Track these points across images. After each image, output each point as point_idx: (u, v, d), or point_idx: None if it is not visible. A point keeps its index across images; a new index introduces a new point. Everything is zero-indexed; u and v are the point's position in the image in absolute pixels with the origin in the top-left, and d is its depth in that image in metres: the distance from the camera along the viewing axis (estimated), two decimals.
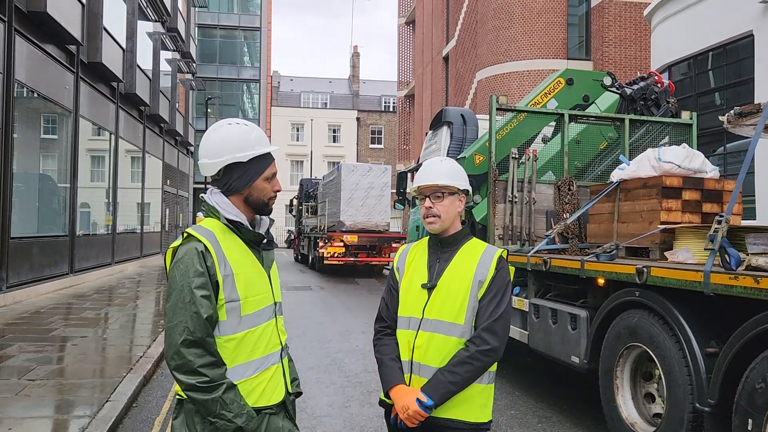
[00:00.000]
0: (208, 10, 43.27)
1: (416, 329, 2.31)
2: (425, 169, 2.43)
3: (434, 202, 2.34)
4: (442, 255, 2.38)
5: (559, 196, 6.41)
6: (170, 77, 24.22)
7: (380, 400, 2.43)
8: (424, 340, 2.28)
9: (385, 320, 2.47)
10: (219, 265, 1.92)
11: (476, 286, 2.28)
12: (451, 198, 2.36)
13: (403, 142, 39.93)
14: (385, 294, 2.52)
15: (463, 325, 2.27)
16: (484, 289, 2.28)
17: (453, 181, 2.36)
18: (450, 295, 2.29)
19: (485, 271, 2.29)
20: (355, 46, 57.62)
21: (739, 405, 3.17)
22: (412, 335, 2.31)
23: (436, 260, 2.38)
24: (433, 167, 2.40)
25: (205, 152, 2.02)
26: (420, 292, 2.34)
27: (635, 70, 17.77)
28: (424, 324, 2.30)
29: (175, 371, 1.86)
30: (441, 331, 2.27)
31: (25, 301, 10.82)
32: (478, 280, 2.29)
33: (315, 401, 5.76)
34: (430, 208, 2.35)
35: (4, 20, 10.23)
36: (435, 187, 2.35)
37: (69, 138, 13.86)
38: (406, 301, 2.39)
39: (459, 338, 2.26)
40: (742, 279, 3.23)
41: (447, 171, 2.38)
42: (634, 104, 7.35)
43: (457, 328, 2.26)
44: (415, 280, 2.38)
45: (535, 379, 6.66)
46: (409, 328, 2.34)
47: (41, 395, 5.33)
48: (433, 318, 2.29)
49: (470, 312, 2.27)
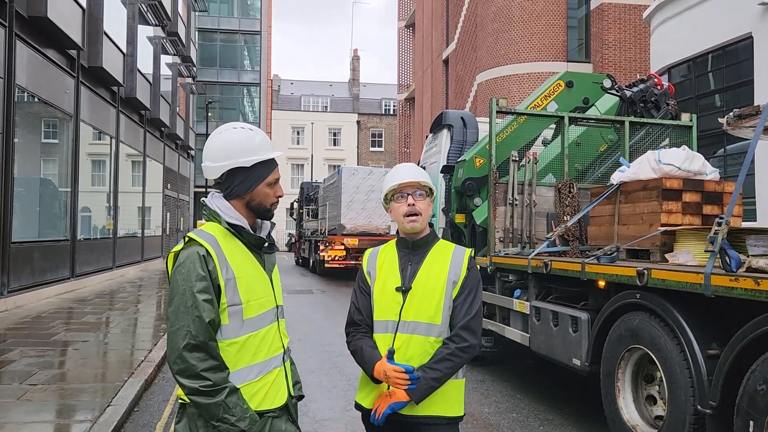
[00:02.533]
0: (209, 14, 43.31)
1: (394, 332, 2.34)
2: (402, 169, 2.47)
3: (417, 200, 2.38)
4: (413, 258, 2.42)
5: (559, 198, 6.41)
6: (171, 81, 24.25)
7: (355, 404, 2.45)
8: (403, 341, 2.32)
9: (358, 323, 2.47)
10: (221, 269, 1.92)
11: (450, 286, 2.35)
12: (427, 199, 2.43)
13: (404, 145, 39.94)
14: (354, 298, 2.52)
15: (440, 324, 2.33)
16: (458, 288, 2.35)
17: (428, 181, 2.45)
18: (426, 296, 2.34)
19: (458, 271, 2.36)
20: (355, 49, 57.62)
21: (741, 407, 3.17)
22: (390, 338, 2.35)
23: (407, 263, 2.42)
24: (408, 169, 2.47)
25: (209, 155, 2.03)
26: (394, 295, 2.37)
27: (635, 72, 17.78)
28: (402, 326, 2.34)
29: (178, 375, 1.86)
30: (419, 332, 2.32)
31: (26, 306, 10.82)
32: (452, 280, 2.35)
33: (317, 405, 5.75)
34: (413, 205, 2.37)
35: (4, 25, 10.25)
36: (417, 185, 2.40)
37: (70, 142, 13.87)
38: (381, 304, 2.41)
39: (437, 338, 2.33)
40: (742, 281, 3.23)
41: (422, 173, 2.46)
42: (633, 106, 7.36)
43: (434, 328, 2.32)
44: (389, 284, 2.40)
45: (537, 381, 6.66)
46: (387, 331, 2.37)
47: (43, 400, 5.33)
48: (411, 320, 2.33)
49: (446, 311, 2.34)
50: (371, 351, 2.36)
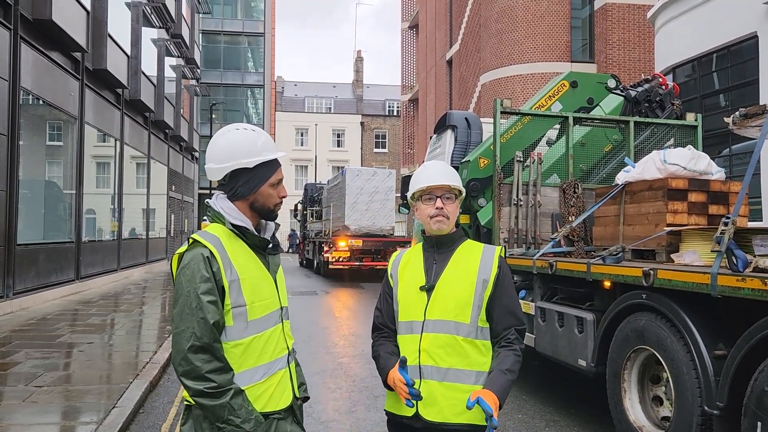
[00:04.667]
0: (212, 16, 43.47)
1: (419, 332, 2.27)
2: (433, 170, 2.39)
3: (446, 203, 2.32)
4: (439, 256, 2.35)
5: (564, 198, 6.40)
6: (175, 83, 24.31)
7: (385, 410, 2.40)
8: (430, 341, 2.24)
9: (381, 327, 2.43)
10: (225, 271, 1.92)
11: (481, 285, 2.26)
12: (456, 201, 2.37)
13: (407, 146, 39.97)
14: (378, 303, 2.48)
15: (468, 324, 2.24)
16: (491, 287, 2.27)
17: (459, 183, 2.38)
18: (452, 294, 2.26)
19: (488, 270, 2.29)
20: (359, 50, 57.53)
21: (748, 408, 3.15)
22: (417, 339, 2.27)
23: (432, 262, 2.35)
24: (439, 170, 2.38)
25: (212, 157, 2.02)
26: (419, 294, 2.30)
27: (639, 72, 17.74)
28: (427, 325, 2.26)
29: (183, 377, 1.86)
30: (445, 331, 2.23)
31: (32, 308, 10.85)
32: (483, 278, 2.27)
33: (321, 406, 5.75)
34: (441, 208, 2.31)
35: (9, 28, 10.29)
36: (447, 188, 2.34)
37: (74, 144, 13.92)
38: (405, 305, 2.34)
39: (464, 337, 2.23)
40: (749, 281, 3.21)
41: (454, 174, 2.39)
42: (638, 106, 7.34)
43: (463, 327, 2.24)
44: (413, 284, 2.34)
45: (543, 382, 6.64)
46: (412, 332, 2.29)
47: (48, 402, 5.34)
48: (436, 318, 2.25)
49: (475, 311, 2.25)
50: (387, 358, 2.32)
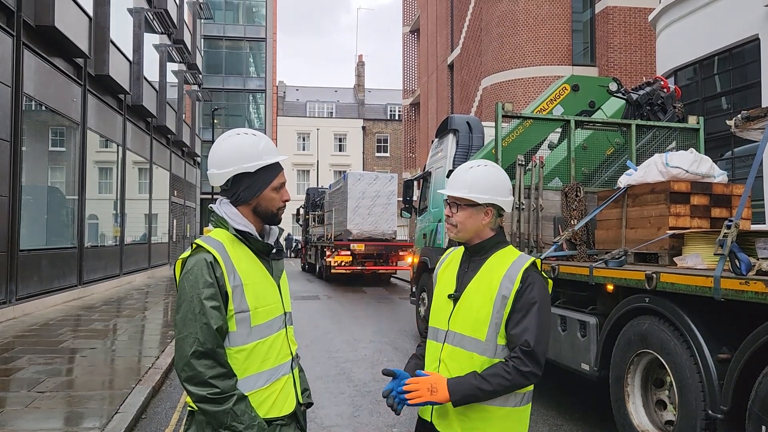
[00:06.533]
0: (214, 22, 43.55)
1: (442, 341, 2.21)
2: (453, 174, 2.32)
3: (452, 212, 2.26)
4: (471, 264, 2.25)
5: (566, 202, 6.39)
6: (177, 89, 24.36)
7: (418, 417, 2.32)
8: (448, 353, 2.17)
9: (422, 333, 2.44)
10: (228, 276, 1.91)
11: (500, 300, 2.10)
12: (469, 210, 2.21)
13: (409, 151, 39.99)
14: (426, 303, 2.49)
15: (484, 341, 2.10)
16: (510, 303, 2.09)
17: (472, 193, 2.18)
18: (473, 308, 2.14)
19: (510, 285, 2.10)
20: (360, 55, 57.79)
21: (752, 411, 3.14)
22: (439, 348, 2.22)
23: (465, 269, 2.26)
24: (459, 174, 2.27)
25: (214, 162, 2.02)
26: (446, 302, 2.23)
27: (641, 75, 17.75)
28: (449, 336, 2.19)
29: (186, 383, 1.86)
30: (463, 346, 2.14)
31: (34, 313, 10.86)
32: (502, 294, 2.10)
33: (324, 411, 5.74)
34: (449, 216, 2.27)
35: (12, 34, 10.33)
36: (451, 197, 2.26)
37: (77, 150, 13.95)
38: (435, 310, 2.31)
39: (481, 355, 2.10)
40: (752, 284, 3.20)
41: (470, 182, 2.21)
42: (640, 109, 7.33)
43: (478, 345, 2.11)
44: (445, 290, 2.27)
45: (545, 387, 6.62)
46: (436, 339, 2.25)
47: (51, 407, 5.34)
48: (457, 331, 2.17)
49: (493, 328, 2.10)
50: (412, 364, 2.34)
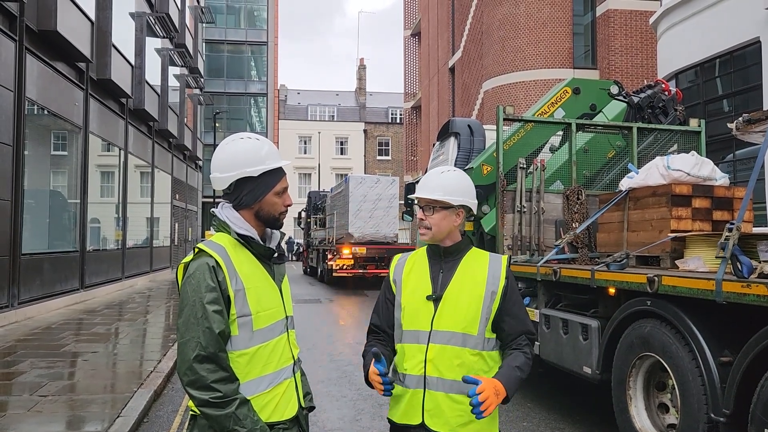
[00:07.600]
0: (216, 26, 43.68)
1: (425, 342, 2.24)
2: (424, 179, 2.39)
3: (426, 215, 2.31)
4: (445, 265, 2.32)
5: (567, 205, 6.39)
6: (178, 92, 24.41)
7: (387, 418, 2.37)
8: (437, 352, 2.22)
9: (377, 331, 2.40)
10: (230, 280, 1.92)
11: (489, 296, 2.25)
12: (444, 212, 2.29)
13: (411, 154, 40.04)
14: (376, 307, 2.44)
15: (476, 336, 2.23)
16: (499, 298, 2.26)
17: (447, 195, 2.27)
18: (460, 305, 2.23)
19: (497, 281, 2.28)
20: (362, 58, 57.96)
21: (755, 415, 3.14)
22: (423, 349, 2.24)
23: (438, 271, 2.31)
24: (431, 179, 2.35)
25: (216, 166, 2.03)
26: (425, 304, 2.26)
27: (642, 78, 17.77)
28: (434, 336, 2.23)
29: (188, 387, 1.86)
30: (453, 343, 2.21)
31: (37, 317, 10.87)
32: (491, 290, 2.26)
33: (326, 415, 5.74)
34: (422, 219, 2.32)
35: (15, 39, 10.36)
36: (426, 200, 2.31)
37: (79, 154, 13.98)
38: (410, 314, 2.30)
39: (472, 349, 2.22)
40: (754, 287, 3.20)
41: (444, 185, 2.30)
42: (641, 112, 7.34)
43: (470, 339, 2.22)
44: (419, 292, 2.30)
45: (547, 390, 6.61)
46: (417, 342, 2.26)
47: (53, 411, 5.34)
48: (444, 330, 2.22)
49: (483, 323, 2.23)
50: (368, 357, 2.28)
